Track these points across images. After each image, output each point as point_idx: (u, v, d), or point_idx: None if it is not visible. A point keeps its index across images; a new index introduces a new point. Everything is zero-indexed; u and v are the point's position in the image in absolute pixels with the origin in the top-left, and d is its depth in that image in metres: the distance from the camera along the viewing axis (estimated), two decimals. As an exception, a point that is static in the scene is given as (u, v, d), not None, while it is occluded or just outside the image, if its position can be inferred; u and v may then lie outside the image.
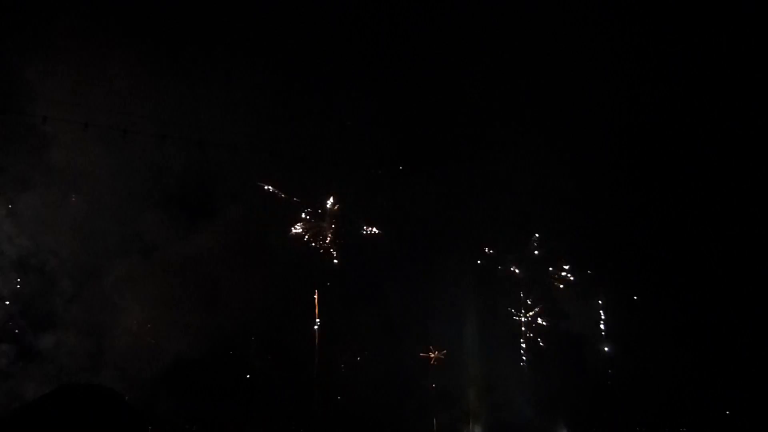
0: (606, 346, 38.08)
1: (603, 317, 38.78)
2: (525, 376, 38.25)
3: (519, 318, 38.83)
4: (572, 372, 37.62)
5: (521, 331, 38.74)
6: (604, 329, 38.67)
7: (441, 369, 37.06)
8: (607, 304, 38.91)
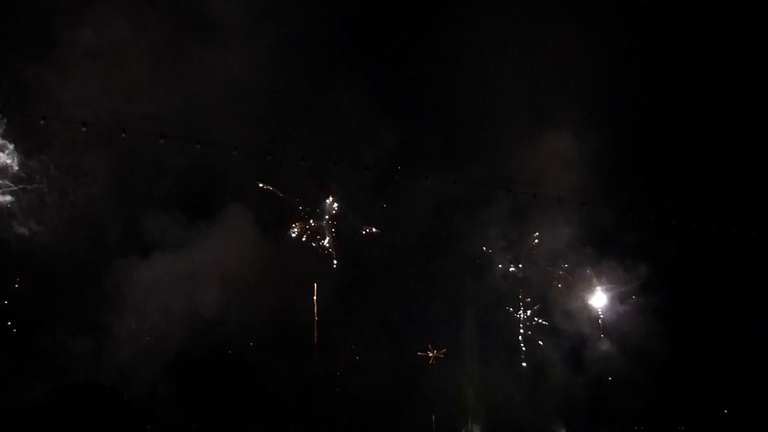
0: (605, 346, 38.09)
1: (602, 316, 38.81)
2: (524, 375, 38.32)
3: (518, 317, 38.89)
4: (571, 371, 37.67)
5: (520, 330, 38.80)
6: (603, 329, 38.70)
7: (440, 368, 37.13)
8: (607, 304, 38.93)
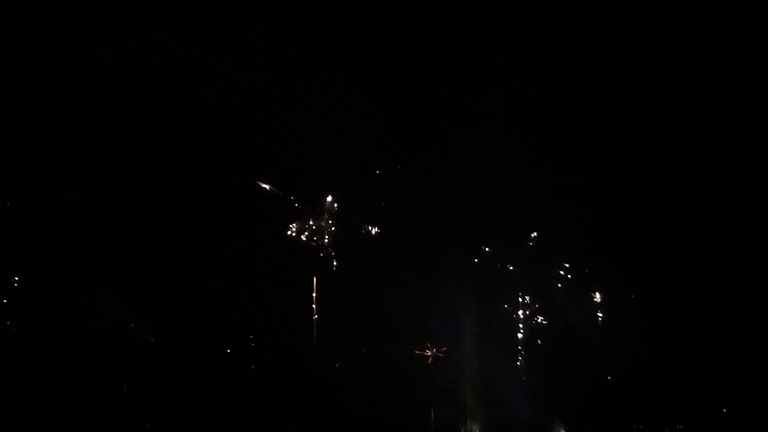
0: (604, 345, 38.03)
1: (601, 316, 38.76)
2: (523, 374, 38.30)
3: (517, 316, 38.86)
4: (570, 370, 37.66)
5: (519, 329, 38.77)
6: (602, 328, 38.64)
7: (439, 366, 37.17)
8: (606, 303, 38.86)
